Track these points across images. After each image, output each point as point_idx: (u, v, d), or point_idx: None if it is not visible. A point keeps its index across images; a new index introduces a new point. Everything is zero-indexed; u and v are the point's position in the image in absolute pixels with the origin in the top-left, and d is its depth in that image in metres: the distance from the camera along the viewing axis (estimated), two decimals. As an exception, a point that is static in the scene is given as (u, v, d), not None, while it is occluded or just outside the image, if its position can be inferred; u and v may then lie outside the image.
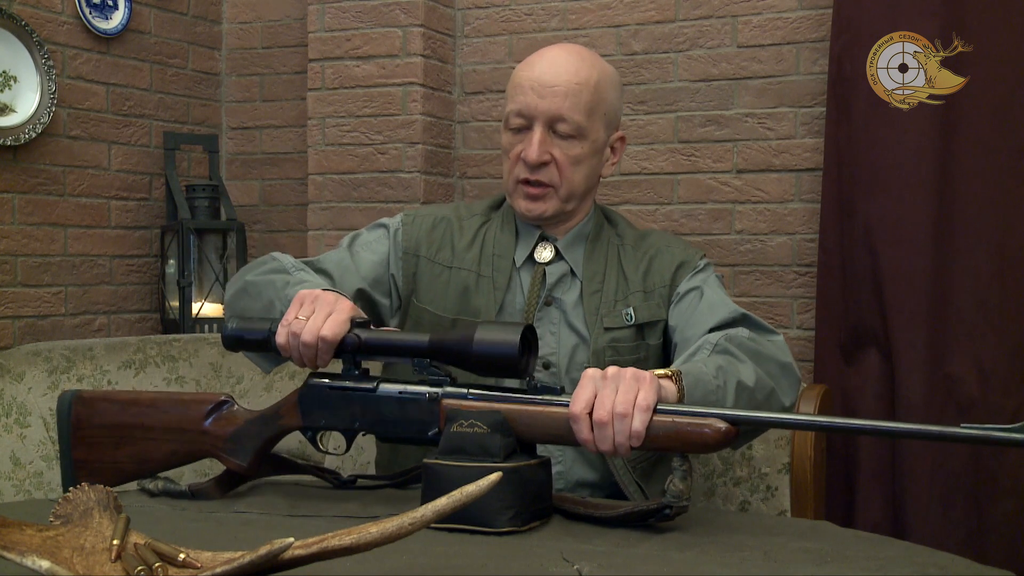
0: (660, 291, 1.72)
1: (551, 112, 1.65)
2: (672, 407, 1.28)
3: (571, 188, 1.70)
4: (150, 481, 1.49)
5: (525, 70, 1.70)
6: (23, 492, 2.26)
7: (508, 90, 1.73)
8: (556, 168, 1.68)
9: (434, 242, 1.76)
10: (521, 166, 1.68)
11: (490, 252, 1.73)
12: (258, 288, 1.58)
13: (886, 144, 2.49)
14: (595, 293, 1.71)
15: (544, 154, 1.66)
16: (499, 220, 1.78)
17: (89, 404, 1.51)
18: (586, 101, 1.66)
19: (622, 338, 1.69)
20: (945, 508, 2.44)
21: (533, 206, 1.70)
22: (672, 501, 1.24)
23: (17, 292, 2.74)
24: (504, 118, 1.73)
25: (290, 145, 3.33)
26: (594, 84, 1.68)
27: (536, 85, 1.66)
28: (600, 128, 1.70)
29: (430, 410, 1.38)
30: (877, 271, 2.50)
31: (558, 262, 1.74)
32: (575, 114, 1.66)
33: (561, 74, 1.66)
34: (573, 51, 1.72)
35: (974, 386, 2.42)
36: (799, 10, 2.72)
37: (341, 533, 0.94)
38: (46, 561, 0.95)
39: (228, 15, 3.39)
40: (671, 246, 1.77)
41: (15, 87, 2.69)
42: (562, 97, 1.65)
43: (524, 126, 1.68)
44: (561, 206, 1.71)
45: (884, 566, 1.13)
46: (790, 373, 1.56)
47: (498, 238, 1.75)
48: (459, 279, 1.72)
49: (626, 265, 1.73)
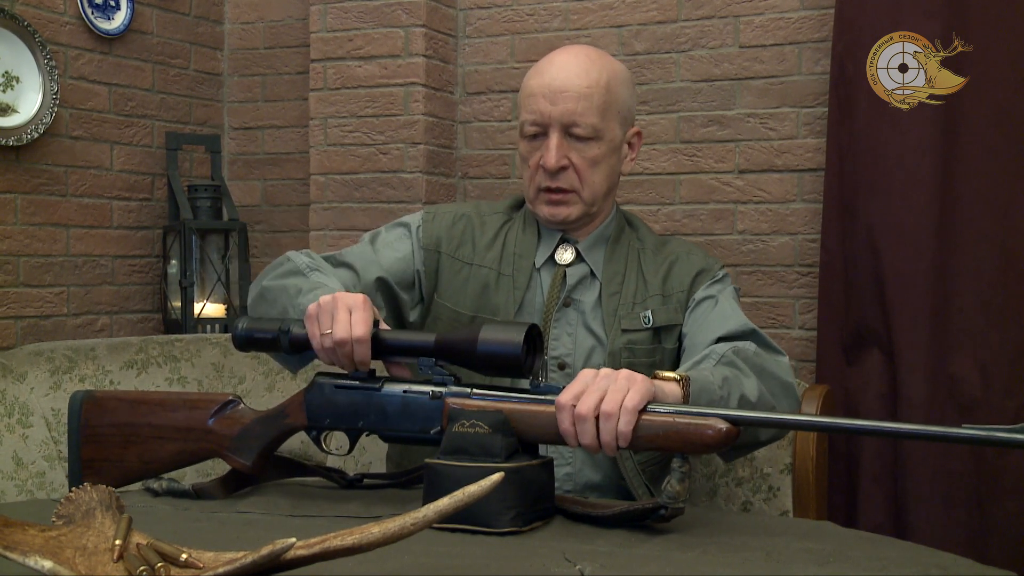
0: (678, 296, 1.72)
1: (565, 117, 1.66)
2: (673, 407, 1.28)
3: (593, 190, 1.71)
4: (154, 481, 1.50)
5: (535, 77, 1.71)
6: (25, 492, 2.26)
7: (520, 99, 1.74)
8: (575, 172, 1.69)
9: (454, 238, 1.77)
10: (541, 174, 1.70)
11: (511, 251, 1.74)
12: (273, 294, 1.59)
13: (887, 144, 2.49)
14: (614, 295, 1.71)
15: (562, 159, 1.67)
16: (520, 220, 1.78)
17: (99, 403, 1.52)
18: (599, 102, 1.67)
19: (639, 340, 1.70)
20: (947, 508, 2.44)
21: (557, 211, 1.71)
22: (668, 502, 1.24)
23: (19, 292, 2.74)
24: (519, 127, 1.74)
25: (292, 145, 3.33)
26: (605, 84, 1.68)
27: (547, 91, 1.67)
28: (615, 127, 1.71)
29: (433, 410, 1.38)
30: (879, 271, 2.50)
31: (578, 264, 1.74)
32: (589, 117, 1.66)
33: (571, 78, 1.67)
34: (581, 53, 1.72)
35: (976, 386, 2.42)
36: (801, 10, 2.72)
37: (343, 533, 0.94)
38: (48, 561, 0.95)
39: (230, 15, 3.39)
40: (692, 253, 1.78)
41: (17, 87, 2.69)
42: (574, 101, 1.66)
43: (539, 133, 1.69)
44: (585, 209, 1.72)
45: (886, 566, 1.13)
46: (791, 394, 1.57)
47: (519, 238, 1.76)
48: (479, 276, 1.73)
49: (646, 269, 1.74)
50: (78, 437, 1.51)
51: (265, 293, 1.61)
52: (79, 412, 1.51)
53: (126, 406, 1.52)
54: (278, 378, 2.58)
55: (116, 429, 1.50)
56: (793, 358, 2.73)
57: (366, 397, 1.41)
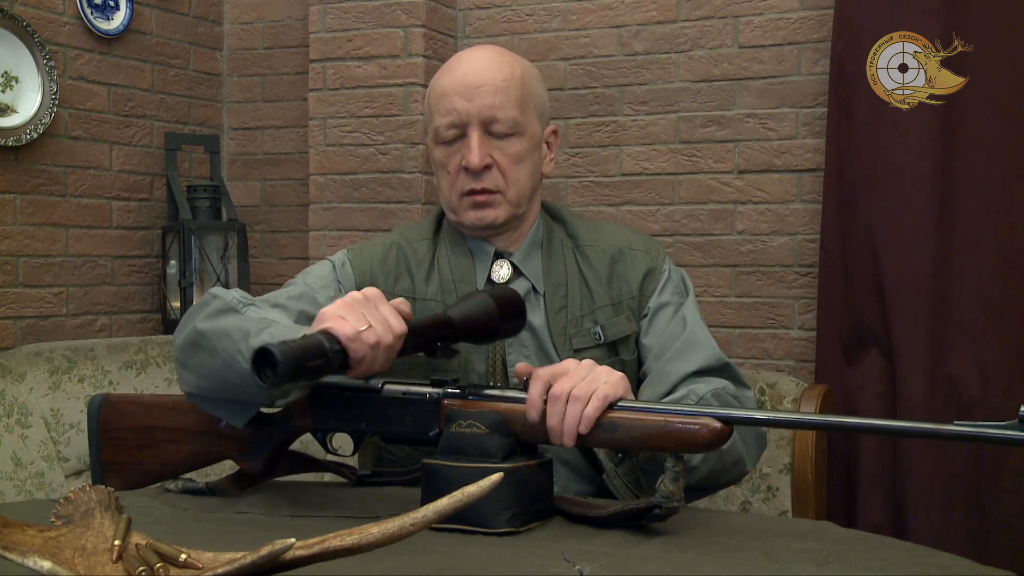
0: (628, 303, 1.64)
1: (483, 112, 1.59)
2: (665, 406, 1.28)
3: (518, 189, 1.62)
4: (171, 482, 1.51)
5: (446, 76, 1.63)
6: (24, 492, 2.26)
7: (431, 103, 1.65)
8: (499, 171, 1.61)
9: (390, 272, 1.66)
10: (464, 177, 1.61)
11: (450, 279, 1.65)
12: (211, 341, 1.38)
13: (887, 144, 2.49)
14: (560, 311, 1.63)
15: (485, 157, 1.59)
16: (447, 243, 1.68)
17: (116, 407, 1.53)
18: (516, 96, 1.60)
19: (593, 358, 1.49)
20: (947, 508, 2.44)
21: (483, 214, 1.62)
22: (662, 501, 1.24)
23: (19, 292, 2.74)
24: (432, 134, 1.64)
25: (291, 145, 3.33)
26: (520, 78, 1.62)
27: (462, 88, 1.60)
28: (534, 122, 1.64)
29: (431, 411, 1.38)
30: (878, 271, 2.50)
31: (518, 279, 1.65)
32: (508, 110, 1.59)
33: (485, 71, 1.60)
34: (490, 50, 1.67)
35: (975, 386, 2.42)
36: (800, 10, 2.72)
37: (342, 533, 0.94)
38: (47, 562, 0.95)
39: (229, 16, 3.39)
40: (632, 246, 1.68)
41: (16, 88, 2.69)
42: (491, 95, 1.59)
43: (458, 135, 1.61)
44: (512, 211, 1.63)
45: (885, 567, 1.13)
46: (762, 440, 1.55)
47: (453, 262, 1.66)
48: (426, 311, 1.61)
49: (587, 273, 1.66)
50: (98, 440, 1.52)
51: (199, 340, 1.39)
52: (97, 415, 1.52)
53: (141, 410, 1.53)
54: (277, 378, 2.58)
55: (132, 432, 1.52)
56: (792, 358, 2.74)
57: (367, 399, 1.42)
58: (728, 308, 2.78)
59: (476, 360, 1.60)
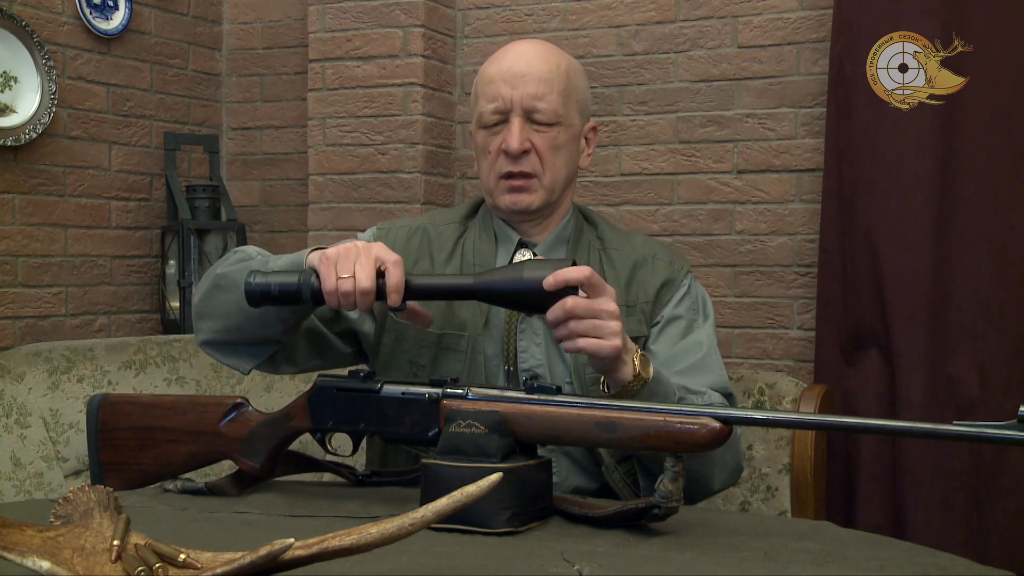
0: (642, 307, 1.68)
1: (527, 100, 1.64)
2: (665, 406, 1.28)
3: (554, 176, 1.67)
4: (170, 482, 1.51)
5: (494, 65, 1.68)
6: (23, 492, 2.26)
7: (477, 89, 1.70)
8: (537, 156, 1.65)
9: (411, 253, 1.72)
10: (503, 159, 1.66)
11: (471, 262, 1.70)
12: (230, 279, 1.52)
13: (886, 144, 2.49)
14: None
15: (525, 142, 1.64)
16: (477, 228, 1.74)
17: (115, 407, 1.53)
18: (559, 87, 1.65)
19: None
20: (946, 508, 2.44)
21: (519, 198, 1.66)
22: (661, 501, 1.24)
23: (18, 292, 2.74)
24: (476, 118, 1.70)
25: (291, 145, 3.33)
26: (565, 70, 1.67)
27: (508, 76, 1.64)
28: (575, 115, 1.69)
29: (431, 411, 1.38)
30: (877, 271, 2.50)
31: None
32: (550, 100, 1.64)
33: (532, 63, 1.65)
34: (539, 43, 1.72)
35: (975, 386, 2.42)
36: (799, 10, 2.72)
37: (341, 534, 0.94)
38: (46, 562, 0.95)
39: (229, 15, 3.39)
40: (657, 256, 1.73)
41: (15, 87, 2.69)
42: (535, 84, 1.64)
43: (500, 120, 1.66)
44: (546, 197, 1.67)
45: (885, 567, 1.13)
46: (737, 470, 1.62)
47: (477, 247, 1.71)
48: None
49: (608, 273, 1.69)
50: (96, 440, 1.52)
51: (220, 281, 1.54)
52: (96, 416, 1.52)
53: (139, 410, 1.53)
54: (276, 378, 2.58)
55: (131, 433, 1.52)
56: (791, 358, 2.74)
57: (366, 399, 1.42)
58: (727, 308, 2.78)
59: (486, 342, 1.64)
